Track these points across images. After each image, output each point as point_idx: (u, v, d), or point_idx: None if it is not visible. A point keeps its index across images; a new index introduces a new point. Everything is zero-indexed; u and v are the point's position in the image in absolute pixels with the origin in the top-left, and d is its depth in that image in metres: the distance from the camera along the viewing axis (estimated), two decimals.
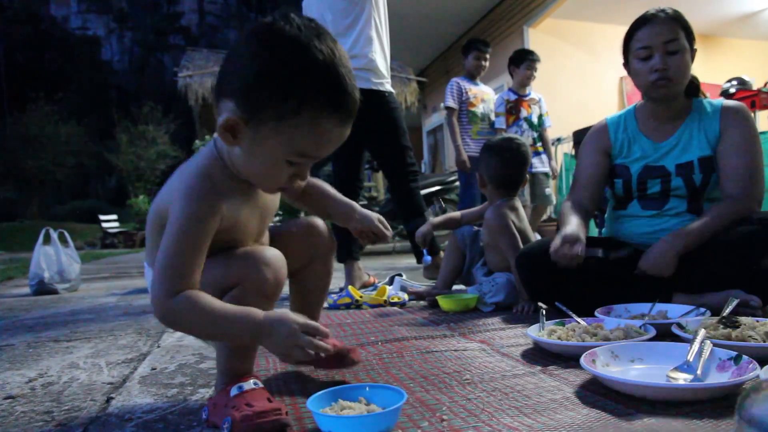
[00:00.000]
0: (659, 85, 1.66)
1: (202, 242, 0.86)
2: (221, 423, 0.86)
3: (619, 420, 0.82)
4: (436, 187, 5.82)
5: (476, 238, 2.26)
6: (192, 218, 0.85)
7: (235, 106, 0.83)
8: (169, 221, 0.87)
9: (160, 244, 0.86)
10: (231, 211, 0.91)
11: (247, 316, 0.85)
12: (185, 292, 0.83)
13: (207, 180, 0.89)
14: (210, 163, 0.91)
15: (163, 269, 0.84)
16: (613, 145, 1.85)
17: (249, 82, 0.81)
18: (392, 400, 0.84)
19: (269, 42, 0.81)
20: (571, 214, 1.73)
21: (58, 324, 2.20)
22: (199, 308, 0.83)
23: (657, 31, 1.65)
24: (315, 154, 0.87)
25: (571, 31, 7.60)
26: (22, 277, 4.81)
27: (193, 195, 0.87)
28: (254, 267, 0.90)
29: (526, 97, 4.16)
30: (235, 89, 0.83)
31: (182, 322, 0.86)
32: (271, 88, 0.80)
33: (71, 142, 25.24)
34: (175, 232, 0.85)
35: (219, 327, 0.85)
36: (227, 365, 0.94)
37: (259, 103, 0.81)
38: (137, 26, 51.97)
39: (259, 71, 0.80)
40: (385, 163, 2.93)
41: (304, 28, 0.82)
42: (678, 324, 1.26)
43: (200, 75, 8.63)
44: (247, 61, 0.82)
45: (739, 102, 1.75)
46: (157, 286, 0.84)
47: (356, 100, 0.85)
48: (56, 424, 0.99)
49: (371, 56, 2.77)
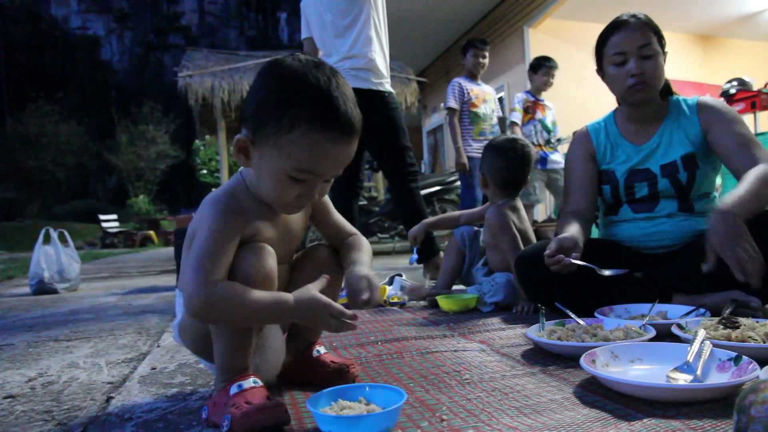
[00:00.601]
0: (636, 89, 1.68)
1: (229, 244, 0.92)
2: (221, 421, 0.86)
3: (619, 420, 0.82)
4: (435, 188, 5.82)
5: (476, 238, 2.26)
6: (219, 223, 0.92)
7: (245, 130, 0.94)
8: (198, 230, 0.94)
9: (191, 250, 0.93)
10: (253, 227, 0.97)
11: (279, 302, 0.92)
12: (223, 282, 0.89)
13: (232, 198, 0.98)
14: (236, 187, 1.01)
15: (198, 265, 0.89)
16: (597, 150, 1.86)
17: (253, 108, 0.93)
18: (392, 400, 0.85)
19: (272, 73, 0.93)
20: (568, 223, 1.72)
21: (57, 324, 2.20)
22: (238, 295, 0.88)
23: (631, 37, 1.67)
24: (315, 170, 0.93)
25: (571, 31, 7.60)
26: (22, 276, 4.82)
27: (220, 205, 0.95)
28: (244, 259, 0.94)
29: (541, 101, 4.37)
30: (245, 116, 0.94)
31: (223, 309, 0.89)
32: (270, 109, 0.90)
33: (71, 142, 25.25)
34: (205, 235, 0.92)
35: (257, 313, 0.91)
36: (224, 363, 0.95)
37: (261, 123, 0.91)
38: (137, 26, 51.98)
39: (261, 97, 0.92)
40: (385, 163, 2.93)
41: (304, 61, 0.92)
42: (678, 324, 1.26)
43: (200, 75, 8.62)
44: (254, 91, 0.94)
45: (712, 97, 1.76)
46: (195, 280, 0.88)
47: (351, 122, 0.91)
48: (56, 423, 0.99)
49: (371, 56, 2.77)
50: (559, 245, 1.53)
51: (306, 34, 2.95)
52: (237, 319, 0.92)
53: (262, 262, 0.94)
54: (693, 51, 8.20)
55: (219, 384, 0.94)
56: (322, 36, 2.84)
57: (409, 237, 2.31)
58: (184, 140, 22.64)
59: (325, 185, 0.99)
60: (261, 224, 0.99)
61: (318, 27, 2.85)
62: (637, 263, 1.74)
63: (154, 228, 15.67)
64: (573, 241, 1.55)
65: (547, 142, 4.30)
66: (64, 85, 34.59)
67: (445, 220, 2.40)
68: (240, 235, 0.95)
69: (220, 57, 9.29)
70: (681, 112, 1.75)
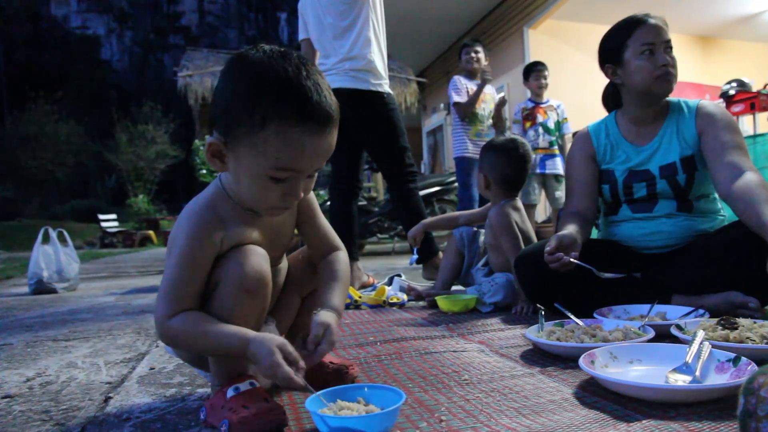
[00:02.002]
0: (666, 79, 1.69)
1: (200, 268, 0.91)
2: (219, 425, 0.86)
3: (618, 421, 0.82)
4: (435, 188, 5.83)
5: (475, 238, 2.26)
6: (190, 247, 0.90)
7: (216, 133, 0.89)
8: (172, 248, 0.92)
9: (164, 270, 0.92)
10: (235, 237, 0.94)
11: (237, 335, 0.87)
12: (183, 313, 0.89)
13: (209, 210, 0.94)
14: (214, 196, 0.96)
15: (164, 293, 0.90)
16: (597, 150, 1.87)
17: (222, 108, 0.87)
18: (391, 400, 0.84)
19: (236, 69, 0.88)
20: (568, 222, 1.73)
21: (56, 323, 2.20)
22: (192, 328, 0.88)
23: (658, 31, 1.70)
24: (296, 167, 0.87)
25: (571, 32, 7.61)
26: (21, 276, 4.81)
27: (194, 225, 0.92)
28: (234, 263, 0.92)
29: (543, 104, 4.40)
30: (214, 117, 0.89)
31: (179, 341, 0.91)
32: (238, 107, 0.85)
33: (71, 142, 25.22)
34: (175, 259, 0.90)
35: (211, 345, 0.89)
36: (221, 370, 0.94)
37: (231, 123, 0.86)
38: (137, 26, 51.97)
39: (228, 95, 0.87)
40: (384, 164, 2.93)
41: (269, 51, 0.87)
42: (677, 325, 1.26)
43: (200, 75, 8.63)
44: (220, 91, 0.89)
45: (714, 102, 1.76)
46: (159, 308, 0.89)
47: (326, 110, 0.85)
48: (54, 423, 0.98)
49: (370, 57, 2.77)
50: (559, 242, 1.54)
51: (303, 35, 2.95)
52: (193, 351, 0.94)
53: (254, 266, 0.91)
54: (692, 52, 8.20)
55: (215, 385, 0.94)
56: (321, 38, 2.84)
57: (409, 238, 2.31)
58: (183, 140, 22.60)
59: (309, 181, 0.93)
60: (245, 231, 0.96)
61: (316, 28, 2.85)
62: (637, 264, 1.74)
63: (153, 228, 15.65)
64: (572, 238, 1.56)
65: (550, 144, 4.32)
66: (63, 84, 34.55)
67: (444, 221, 2.40)
68: (216, 251, 0.92)
69: (220, 57, 9.30)
70: (681, 114, 1.76)
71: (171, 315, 0.88)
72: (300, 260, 1.16)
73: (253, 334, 0.87)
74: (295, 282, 1.15)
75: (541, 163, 4.29)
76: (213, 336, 0.87)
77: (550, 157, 4.32)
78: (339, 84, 2.69)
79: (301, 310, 1.17)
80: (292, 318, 1.17)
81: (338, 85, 2.68)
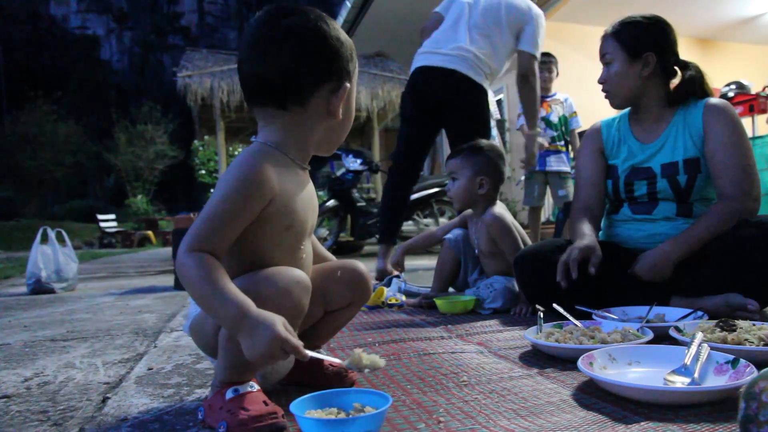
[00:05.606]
0: (605, 96, 1.83)
1: (241, 213, 0.88)
2: (216, 426, 0.85)
3: (616, 423, 0.82)
4: (434, 189, 5.82)
5: (468, 240, 2.24)
6: (237, 187, 0.88)
7: (329, 85, 0.97)
8: (218, 187, 0.90)
9: (203, 207, 0.89)
10: (286, 193, 0.93)
11: (239, 303, 0.81)
12: (201, 254, 0.84)
13: (262, 155, 0.93)
14: (264, 148, 0.96)
15: (194, 227, 0.86)
16: (606, 145, 1.87)
17: (291, 74, 0.93)
18: (378, 405, 0.83)
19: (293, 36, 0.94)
20: (581, 223, 1.73)
21: (54, 323, 2.20)
22: (202, 272, 0.82)
23: (601, 42, 1.81)
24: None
25: (570, 34, 7.61)
26: (19, 276, 4.80)
27: (246, 165, 0.90)
28: (276, 289, 0.88)
29: (549, 97, 4.25)
30: (279, 87, 0.94)
31: (185, 278, 0.85)
32: (316, 70, 0.95)
33: (70, 142, 25.17)
34: (218, 196, 0.88)
35: (208, 299, 0.83)
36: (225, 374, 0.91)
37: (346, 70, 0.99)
38: (137, 26, 51.98)
39: (299, 62, 0.93)
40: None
41: (310, 13, 0.96)
42: (675, 327, 1.26)
43: (199, 75, 8.62)
44: (286, 58, 0.93)
45: (723, 100, 1.75)
46: (185, 239, 0.86)
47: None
48: (51, 423, 0.98)
49: (487, 58, 2.87)
50: (584, 256, 1.56)
51: (441, 11, 3.08)
52: (194, 297, 0.86)
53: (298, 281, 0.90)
54: (692, 54, 8.09)
55: (215, 386, 0.94)
56: (445, 26, 2.97)
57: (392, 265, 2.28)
58: (182, 140, 22.56)
59: None
60: (293, 189, 0.96)
61: (450, 21, 2.97)
62: None
63: (152, 228, 15.62)
64: (597, 254, 1.58)
65: (552, 139, 4.16)
66: (63, 84, 34.51)
67: (424, 240, 2.39)
68: (263, 205, 0.89)
69: (220, 57, 9.29)
70: (688, 112, 1.73)
71: (191, 250, 0.84)
72: (338, 278, 1.11)
73: (255, 308, 0.81)
74: (324, 293, 1.10)
75: (542, 160, 4.06)
76: (218, 290, 0.81)
77: (552, 154, 4.13)
78: (454, 66, 2.81)
79: (320, 322, 1.14)
80: (307, 325, 1.11)
81: (454, 67, 2.80)
